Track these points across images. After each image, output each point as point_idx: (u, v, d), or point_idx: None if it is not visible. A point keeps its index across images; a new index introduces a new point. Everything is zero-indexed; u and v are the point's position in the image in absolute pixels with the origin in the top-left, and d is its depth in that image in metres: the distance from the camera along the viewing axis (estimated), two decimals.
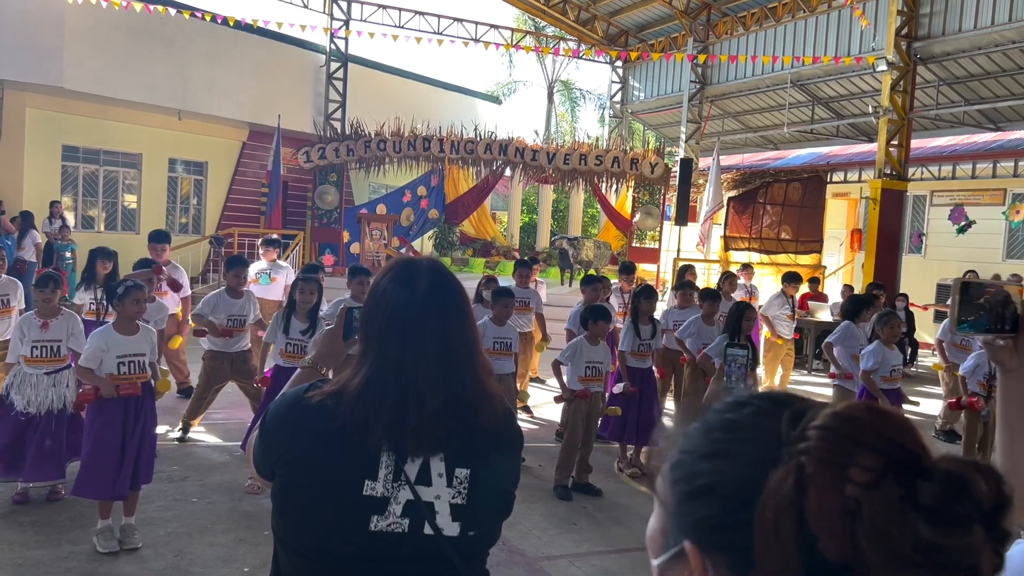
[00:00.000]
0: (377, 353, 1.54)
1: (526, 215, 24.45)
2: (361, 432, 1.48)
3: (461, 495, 1.52)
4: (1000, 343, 1.30)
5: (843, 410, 0.65)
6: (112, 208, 16.25)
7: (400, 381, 1.51)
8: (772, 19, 16.74)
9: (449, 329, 1.55)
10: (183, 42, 15.25)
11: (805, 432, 0.64)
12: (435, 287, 1.57)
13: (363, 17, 18.55)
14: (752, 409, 0.70)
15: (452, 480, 1.52)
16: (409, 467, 1.50)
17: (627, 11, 19.49)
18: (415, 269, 1.59)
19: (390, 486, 1.49)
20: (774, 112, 18.90)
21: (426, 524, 1.50)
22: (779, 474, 0.62)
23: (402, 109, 16.44)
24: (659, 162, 16.19)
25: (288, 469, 1.52)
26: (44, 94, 14.21)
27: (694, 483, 0.68)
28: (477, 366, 1.57)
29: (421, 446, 1.50)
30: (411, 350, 1.52)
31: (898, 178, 13.70)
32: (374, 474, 1.49)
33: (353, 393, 1.51)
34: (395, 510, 1.49)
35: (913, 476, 0.61)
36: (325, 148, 15.52)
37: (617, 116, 22.04)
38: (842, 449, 0.62)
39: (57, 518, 4.83)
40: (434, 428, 1.49)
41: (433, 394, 1.50)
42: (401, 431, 1.48)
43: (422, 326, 1.53)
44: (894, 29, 13.58)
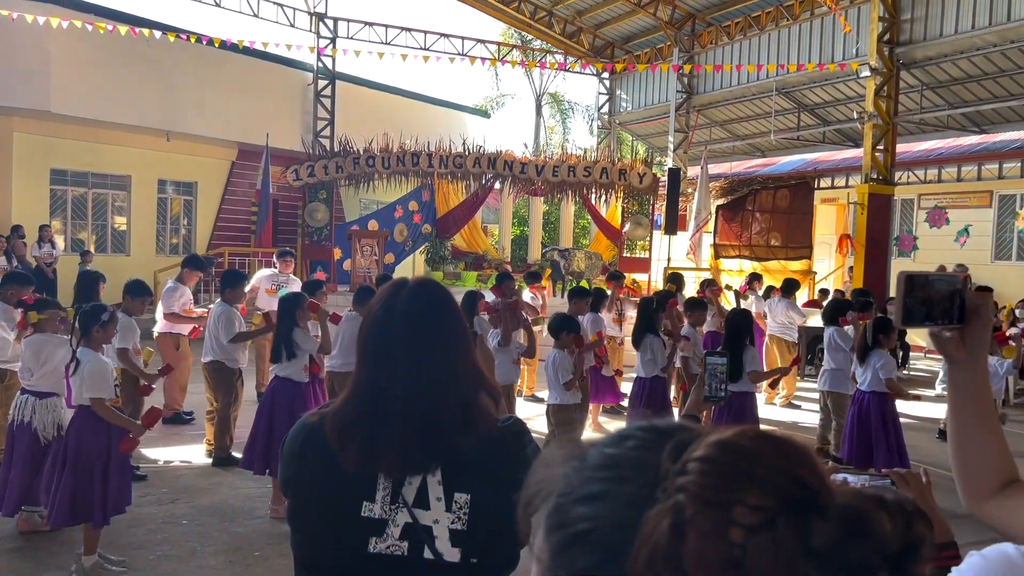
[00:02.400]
0: (358, 374, 1.56)
1: (517, 227, 24.49)
2: (341, 453, 1.49)
3: (461, 520, 1.49)
4: (947, 335, 1.30)
5: (728, 438, 0.56)
6: (102, 230, 16.22)
7: (371, 403, 1.51)
8: (756, 28, 16.86)
9: (424, 348, 1.53)
10: (170, 63, 15.28)
11: (685, 466, 0.55)
12: (413, 306, 1.55)
13: (349, 35, 18.62)
14: (634, 442, 0.61)
15: (451, 505, 1.49)
16: (407, 489, 1.49)
17: (612, 23, 19.60)
18: (398, 289, 1.59)
19: (388, 508, 1.49)
20: (760, 120, 19.00)
21: (426, 548, 1.48)
22: (653, 517, 0.54)
23: (390, 125, 16.47)
24: (647, 172, 16.24)
25: (296, 491, 1.55)
26: (31, 118, 14.20)
27: (570, 530, 0.59)
28: (461, 386, 1.54)
29: (396, 468, 1.49)
30: (384, 370, 1.52)
31: (885, 182, 13.78)
32: (372, 495, 1.49)
33: (335, 412, 1.53)
34: (393, 532, 1.48)
35: (808, 515, 0.52)
36: (314, 166, 15.53)
37: (605, 127, 22.13)
38: (725, 485, 0.53)
39: (47, 544, 4.80)
40: (406, 450, 1.48)
41: (403, 416, 1.48)
42: (377, 451, 1.48)
43: (394, 346, 1.53)
44: (876, 35, 13.69)
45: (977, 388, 1.31)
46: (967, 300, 1.27)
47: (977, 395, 1.32)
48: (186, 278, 7.97)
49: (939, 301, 1.26)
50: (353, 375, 1.57)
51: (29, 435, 4.94)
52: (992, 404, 1.35)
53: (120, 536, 4.77)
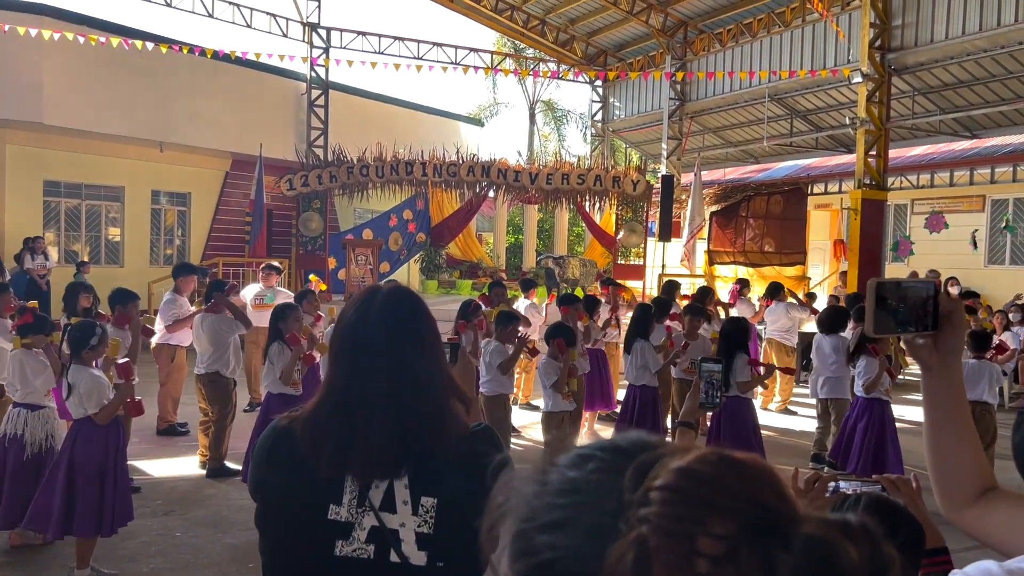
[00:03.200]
0: (330, 379, 1.56)
1: (512, 235, 24.51)
2: (313, 456, 1.50)
3: (428, 524, 1.50)
4: (920, 342, 1.29)
5: (690, 465, 0.55)
6: (95, 242, 16.18)
7: (346, 405, 1.51)
8: (748, 35, 16.93)
9: (398, 352, 1.54)
10: (163, 74, 15.27)
11: (647, 495, 0.54)
12: (387, 310, 1.57)
13: (342, 44, 18.64)
14: (595, 464, 0.59)
15: (418, 508, 1.51)
16: (374, 493, 1.50)
17: (605, 31, 19.67)
18: (375, 292, 1.61)
19: (354, 511, 1.50)
20: (753, 126, 19.06)
21: (392, 552, 1.49)
22: (617, 550, 0.52)
23: (384, 134, 16.48)
24: (641, 179, 16.27)
25: (264, 495, 1.57)
26: (24, 130, 14.18)
27: (534, 559, 0.58)
28: (433, 391, 1.55)
29: (368, 471, 1.50)
30: (358, 373, 1.52)
31: (878, 188, 13.82)
32: (339, 499, 1.50)
33: (307, 414, 1.54)
34: (360, 536, 1.49)
35: (772, 542, 0.51)
36: (308, 175, 15.53)
37: (598, 135, 22.18)
38: (689, 515, 0.52)
39: (40, 557, 4.76)
40: (380, 453, 1.49)
41: (379, 418, 1.49)
42: (348, 454, 1.49)
43: (369, 349, 1.54)
44: (868, 41, 13.75)
45: (952, 394, 1.30)
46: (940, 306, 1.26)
47: (952, 401, 1.31)
48: (181, 287, 7.95)
49: (912, 308, 1.24)
50: (325, 379, 1.59)
51: (20, 448, 4.90)
52: (967, 410, 1.34)
53: (114, 549, 4.74)
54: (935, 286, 1.26)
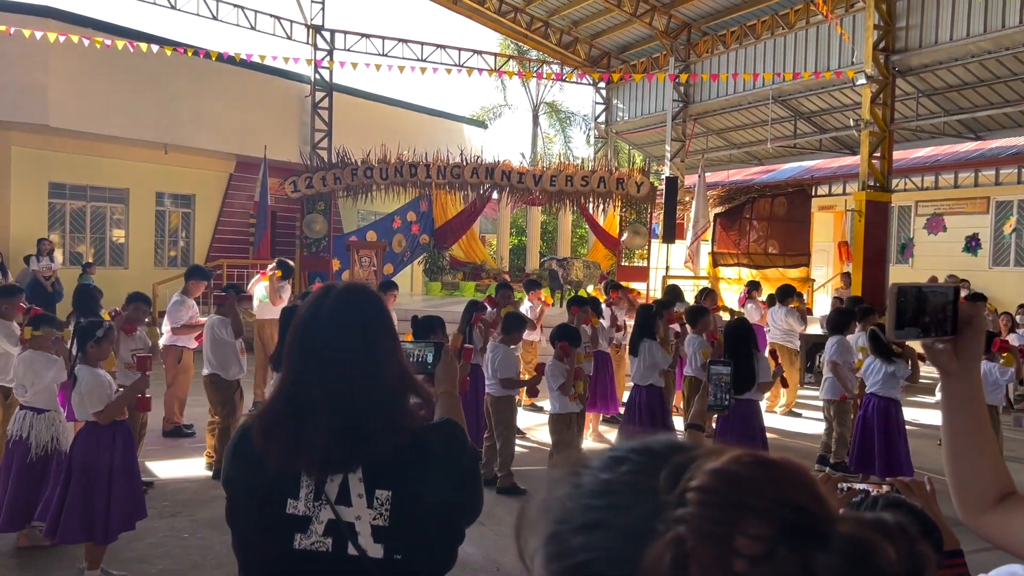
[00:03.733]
0: (284, 375, 1.59)
1: (515, 237, 24.51)
2: (265, 451, 1.53)
3: (383, 517, 1.52)
4: (939, 347, 1.29)
5: (726, 466, 0.55)
6: (100, 243, 16.21)
7: (297, 401, 1.54)
8: (752, 37, 16.93)
9: (349, 349, 1.55)
10: (167, 76, 15.31)
11: (684, 496, 0.54)
12: (340, 307, 1.59)
13: (346, 47, 18.67)
14: (628, 467, 0.60)
15: (372, 501, 1.53)
16: (329, 486, 1.53)
17: (608, 33, 19.68)
18: (329, 289, 1.64)
19: (311, 505, 1.53)
20: (757, 128, 19.06)
21: (350, 545, 1.52)
22: (655, 551, 0.53)
23: (388, 136, 16.50)
24: (645, 181, 16.26)
25: (230, 491, 1.62)
26: (29, 132, 14.22)
27: (569, 560, 0.58)
28: (385, 387, 1.56)
29: (318, 467, 1.52)
30: (309, 370, 1.55)
31: (882, 190, 13.81)
32: (296, 493, 1.53)
33: (260, 412, 1.58)
34: (317, 529, 1.52)
35: (810, 543, 0.52)
36: (312, 177, 15.54)
37: (602, 137, 22.18)
38: (726, 517, 0.52)
39: (46, 559, 4.78)
40: (329, 449, 1.51)
41: (328, 415, 1.51)
42: (298, 450, 1.52)
43: (319, 346, 1.56)
44: (872, 43, 13.74)
45: (971, 399, 1.30)
46: (960, 311, 1.26)
47: (971, 406, 1.31)
48: (191, 290, 7.97)
49: (932, 313, 1.25)
50: (279, 377, 1.62)
51: (25, 451, 4.91)
52: (986, 415, 1.34)
53: (121, 550, 4.75)
54: (956, 291, 1.26)
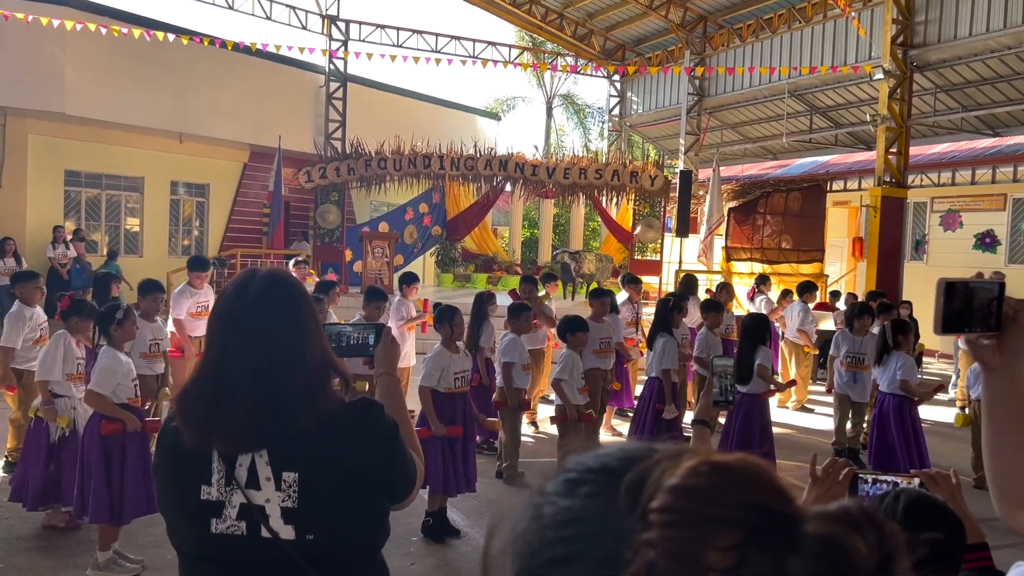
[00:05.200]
0: (204, 355, 1.64)
1: (527, 230, 24.50)
2: (183, 429, 1.57)
3: (291, 499, 1.55)
4: (984, 342, 1.29)
5: (684, 481, 0.53)
6: (115, 232, 16.30)
7: (217, 378, 1.56)
8: (768, 30, 16.82)
9: (272, 328, 1.58)
10: (183, 66, 15.35)
11: (647, 518, 0.53)
12: (264, 290, 1.62)
13: (361, 37, 18.67)
14: (587, 489, 0.58)
15: (280, 484, 1.56)
16: (239, 471, 1.56)
17: (623, 25, 19.59)
18: (252, 275, 1.67)
19: (223, 490, 1.56)
20: (772, 122, 18.95)
21: (262, 527, 1.55)
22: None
23: (402, 127, 16.50)
24: (658, 174, 16.22)
25: (155, 478, 1.70)
26: (46, 120, 14.29)
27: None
28: (303, 368, 1.59)
29: (233, 443, 1.55)
30: (230, 348, 1.58)
31: (898, 185, 13.72)
32: (208, 479, 1.57)
33: (180, 392, 1.61)
34: (231, 513, 1.56)
35: (780, 545, 0.51)
36: (326, 168, 15.57)
37: (616, 129, 22.11)
38: (693, 534, 0.51)
39: (66, 543, 4.83)
40: (246, 425, 1.53)
41: (247, 391, 1.54)
42: (213, 426, 1.54)
43: (243, 325, 1.59)
44: (890, 37, 13.63)
45: (1013, 395, 1.30)
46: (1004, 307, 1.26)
47: (1013, 403, 1.31)
48: (193, 281, 7.96)
49: (977, 308, 1.25)
50: (201, 358, 1.66)
51: (45, 434, 4.99)
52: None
53: (137, 535, 4.79)
54: (1001, 287, 1.26)
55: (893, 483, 1.71)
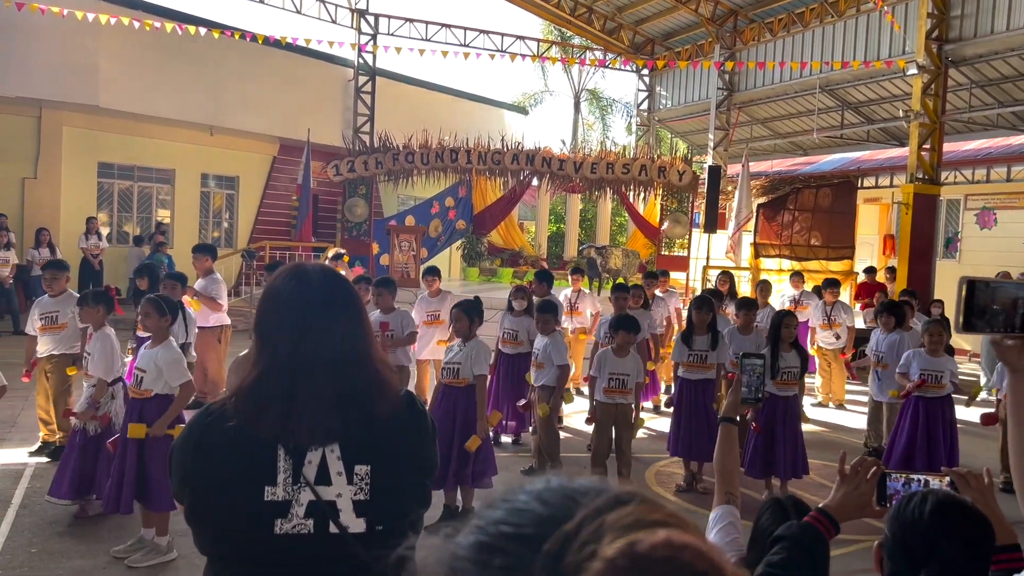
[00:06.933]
0: (271, 348, 1.60)
1: (554, 224, 24.44)
2: (253, 423, 1.53)
3: (363, 491, 1.57)
4: (1009, 343, 1.27)
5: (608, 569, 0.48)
6: (146, 223, 16.53)
7: (294, 371, 1.56)
8: (800, 24, 16.62)
9: (343, 322, 1.61)
10: (214, 59, 15.51)
11: None
12: (328, 285, 1.65)
13: (390, 31, 18.72)
14: (500, 562, 0.52)
15: (352, 477, 1.56)
16: (307, 469, 1.55)
17: (653, 19, 19.46)
18: (307, 271, 1.67)
19: (290, 489, 1.55)
20: (803, 118, 18.75)
21: (331, 523, 1.55)
22: None
23: (430, 121, 16.55)
24: (687, 170, 16.11)
25: (195, 487, 1.58)
26: (80, 112, 14.51)
27: None
28: (372, 358, 1.63)
29: (315, 435, 1.55)
30: (305, 341, 1.57)
31: (931, 182, 13.51)
32: (273, 479, 1.54)
33: (247, 386, 1.57)
34: (298, 512, 1.55)
35: None
36: (354, 161, 15.66)
37: (644, 124, 21.98)
38: None
39: (98, 530, 4.91)
40: (327, 415, 1.54)
41: (326, 382, 1.55)
42: (293, 419, 1.53)
43: (317, 319, 1.59)
44: (924, 32, 13.41)
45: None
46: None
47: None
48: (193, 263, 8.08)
49: (1001, 308, 1.23)
50: (262, 352, 1.61)
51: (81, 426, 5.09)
52: None
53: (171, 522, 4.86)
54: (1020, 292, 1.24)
55: (925, 482, 1.69)
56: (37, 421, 6.35)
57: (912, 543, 1.53)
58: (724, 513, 1.96)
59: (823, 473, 6.41)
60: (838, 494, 1.72)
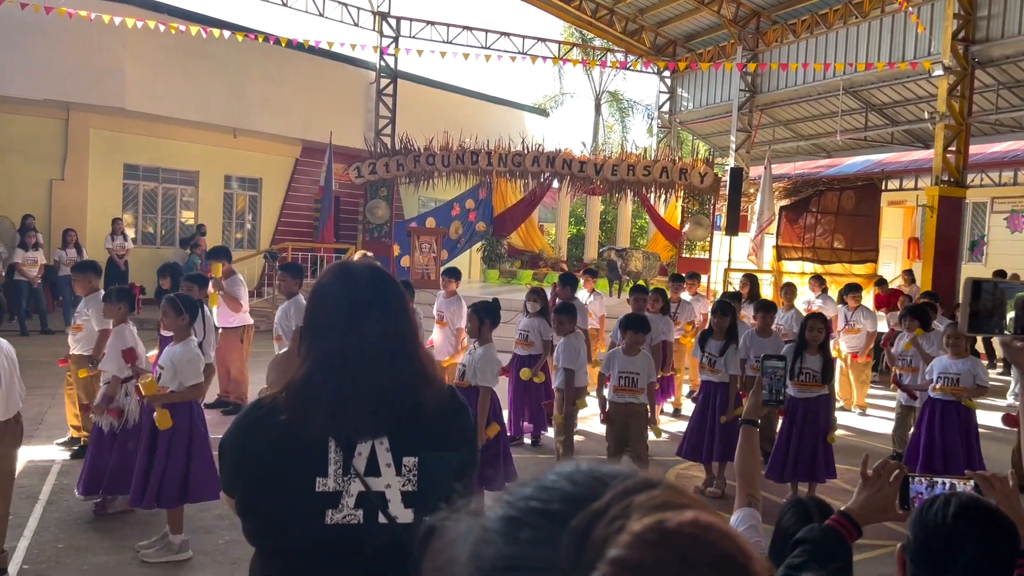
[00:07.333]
0: (320, 344, 1.63)
1: (574, 227, 24.42)
2: (303, 418, 1.56)
3: (411, 482, 1.61)
4: (1018, 344, 1.26)
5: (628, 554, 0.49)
6: (170, 224, 16.70)
7: (343, 366, 1.59)
8: (823, 26, 16.51)
9: (390, 318, 1.65)
10: (238, 62, 15.65)
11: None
12: (376, 283, 1.68)
13: (412, 34, 18.81)
14: (528, 535, 0.53)
15: (401, 468, 1.60)
16: (357, 460, 1.59)
17: (675, 21, 19.41)
18: (355, 269, 1.71)
19: (341, 480, 1.58)
20: (826, 119, 18.60)
21: (380, 513, 1.58)
22: None
23: (450, 123, 16.60)
24: (708, 172, 16.05)
25: (244, 478, 1.62)
26: (106, 115, 14.70)
27: None
28: (418, 353, 1.68)
29: (365, 427, 1.58)
30: (354, 336, 1.61)
31: (956, 185, 13.36)
32: (324, 471, 1.58)
33: (297, 382, 1.60)
34: (348, 503, 1.58)
35: None
36: (375, 163, 15.75)
37: (665, 126, 21.92)
38: None
39: (122, 526, 4.97)
40: (376, 408, 1.57)
41: (375, 376, 1.58)
42: (343, 413, 1.57)
43: (365, 315, 1.63)
44: (951, 33, 13.27)
45: None
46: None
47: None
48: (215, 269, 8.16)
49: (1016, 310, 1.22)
50: (311, 348, 1.64)
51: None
52: None
53: (189, 520, 4.90)
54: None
55: (951, 485, 1.67)
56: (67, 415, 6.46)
57: (935, 546, 1.52)
58: (746, 516, 1.96)
59: (846, 478, 6.35)
60: (860, 497, 1.71)
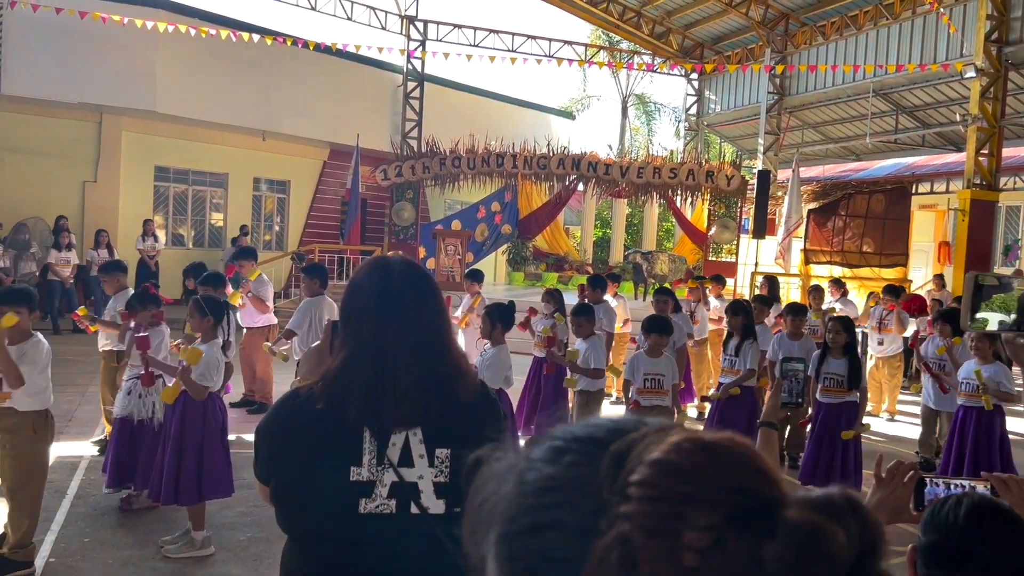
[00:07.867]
0: (356, 337, 1.66)
1: (599, 229, 24.36)
2: (339, 408, 1.59)
3: (444, 474, 1.63)
4: (1022, 341, 1.24)
5: (666, 456, 0.52)
6: (200, 226, 16.92)
7: (378, 358, 1.62)
8: (853, 27, 16.34)
9: (425, 312, 1.67)
10: (267, 66, 15.83)
11: (626, 491, 0.51)
12: (410, 277, 1.71)
13: (439, 37, 18.90)
14: (571, 458, 0.56)
15: (433, 460, 1.63)
16: (391, 451, 1.61)
17: (702, 23, 19.31)
18: (390, 263, 1.74)
19: (375, 470, 1.61)
20: (856, 122, 18.40)
21: (412, 504, 1.60)
22: (600, 550, 0.50)
23: (477, 126, 16.65)
24: (735, 174, 15.94)
25: (279, 466, 1.65)
26: (138, 118, 14.93)
27: (520, 564, 0.55)
28: (452, 346, 1.70)
29: (399, 418, 1.60)
30: (389, 330, 1.63)
31: (989, 188, 13.15)
32: (359, 460, 1.61)
33: (333, 372, 1.63)
34: (381, 492, 1.61)
35: (758, 530, 0.50)
36: (402, 166, 15.85)
37: (693, 129, 21.81)
38: (671, 511, 0.50)
39: (147, 521, 5.04)
40: (411, 400, 1.59)
41: (409, 368, 1.61)
42: (377, 402, 1.59)
43: (400, 309, 1.66)
44: (983, 34, 13.07)
45: None
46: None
47: None
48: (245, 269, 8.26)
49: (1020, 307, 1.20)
50: (346, 339, 1.67)
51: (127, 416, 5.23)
52: None
53: (211, 516, 4.96)
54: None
55: (970, 487, 1.65)
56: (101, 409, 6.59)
57: (947, 547, 1.50)
58: None
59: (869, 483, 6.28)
60: (874, 498, 1.69)
